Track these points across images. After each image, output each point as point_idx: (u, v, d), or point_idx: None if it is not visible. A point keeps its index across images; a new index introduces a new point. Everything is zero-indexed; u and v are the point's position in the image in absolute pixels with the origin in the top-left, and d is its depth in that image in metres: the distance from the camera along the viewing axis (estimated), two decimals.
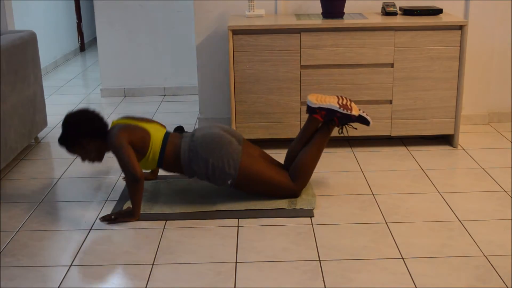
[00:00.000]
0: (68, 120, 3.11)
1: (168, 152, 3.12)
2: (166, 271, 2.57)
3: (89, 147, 3.11)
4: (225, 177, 3.09)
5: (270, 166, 3.20)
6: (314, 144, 3.25)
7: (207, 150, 3.07)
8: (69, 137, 3.09)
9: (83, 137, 3.08)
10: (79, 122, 3.08)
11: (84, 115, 3.11)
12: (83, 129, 3.07)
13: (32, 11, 6.65)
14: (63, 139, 3.11)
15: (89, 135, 3.08)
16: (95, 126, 3.09)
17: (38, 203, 3.29)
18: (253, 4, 4.08)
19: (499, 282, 2.44)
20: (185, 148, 3.11)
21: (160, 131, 3.17)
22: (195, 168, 3.11)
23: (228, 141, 3.11)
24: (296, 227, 2.94)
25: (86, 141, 3.09)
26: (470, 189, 3.36)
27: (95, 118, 3.12)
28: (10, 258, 2.71)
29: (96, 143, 3.11)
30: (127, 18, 5.50)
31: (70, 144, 3.11)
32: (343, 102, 3.25)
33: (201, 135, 3.13)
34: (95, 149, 3.12)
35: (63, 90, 6.02)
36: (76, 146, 3.11)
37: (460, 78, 3.90)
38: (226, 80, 4.37)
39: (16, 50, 3.80)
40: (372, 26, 3.82)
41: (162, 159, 3.12)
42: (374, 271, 2.53)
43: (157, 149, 3.10)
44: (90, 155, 3.14)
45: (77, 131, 3.07)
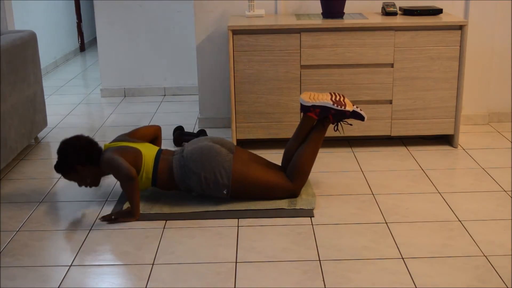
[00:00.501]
0: (63, 148, 3.16)
1: (161, 170, 3.15)
2: (166, 271, 2.57)
3: (84, 173, 3.16)
4: (219, 188, 3.11)
5: (265, 170, 3.20)
6: (310, 142, 3.25)
7: (197, 164, 3.09)
8: (65, 164, 3.14)
9: (78, 164, 3.13)
10: (74, 149, 3.13)
11: (79, 141, 3.16)
12: (78, 156, 3.12)
13: (32, 11, 6.65)
14: (59, 166, 3.16)
15: (84, 161, 3.13)
16: (90, 153, 3.15)
17: (38, 203, 3.29)
18: (253, 4, 4.08)
19: (499, 282, 2.44)
20: (176, 165, 3.14)
21: (152, 149, 3.20)
22: (189, 183, 3.13)
23: (217, 152, 3.12)
24: (296, 227, 2.94)
25: (81, 167, 3.13)
26: (470, 189, 3.36)
27: (89, 144, 3.17)
28: (10, 258, 2.71)
29: (91, 168, 3.16)
30: (127, 18, 5.50)
31: (66, 171, 3.16)
32: (336, 98, 3.25)
33: (190, 150, 3.15)
34: (90, 175, 3.17)
35: (63, 90, 6.02)
36: (72, 172, 3.16)
37: (460, 78, 3.90)
38: (226, 80, 4.37)
39: (16, 50, 3.80)
40: (372, 26, 3.82)
41: (156, 177, 3.15)
42: (374, 271, 2.53)
43: (149, 168, 3.13)
44: (86, 180, 3.19)
45: (72, 158, 3.13)
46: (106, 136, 4.46)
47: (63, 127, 4.69)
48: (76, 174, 3.17)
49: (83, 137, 3.20)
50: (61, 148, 3.16)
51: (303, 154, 3.23)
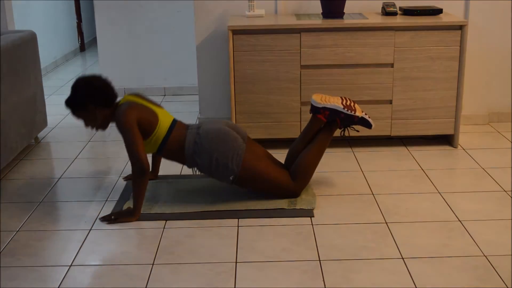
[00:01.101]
0: (79, 83, 3.06)
1: (171, 140, 3.10)
2: (166, 271, 2.57)
3: (94, 114, 3.06)
4: (227, 172, 3.09)
5: (272, 165, 3.20)
6: (316, 144, 3.25)
7: (212, 144, 3.07)
8: (77, 100, 3.04)
9: (91, 103, 3.03)
10: (90, 86, 3.04)
11: (96, 81, 3.07)
12: (93, 94, 3.02)
13: (32, 11, 6.65)
14: (71, 101, 3.06)
15: (98, 101, 3.03)
16: (105, 94, 3.05)
17: (38, 203, 3.29)
18: (253, 4, 4.08)
19: (499, 282, 2.44)
20: (190, 140, 3.10)
21: (168, 117, 3.16)
22: (198, 161, 3.10)
23: (234, 137, 3.12)
24: (296, 227, 2.94)
25: (93, 107, 3.04)
26: (470, 189, 3.36)
27: (107, 86, 3.07)
28: (10, 258, 2.71)
29: (103, 111, 3.07)
30: (127, 18, 5.50)
31: (76, 107, 3.06)
32: (346, 103, 3.26)
33: (207, 129, 3.12)
34: (100, 117, 3.08)
35: (63, 90, 6.02)
36: (82, 110, 3.06)
37: (460, 78, 3.90)
38: (226, 80, 4.37)
39: (16, 50, 3.80)
40: (372, 26, 3.82)
41: (164, 145, 3.10)
42: (374, 271, 2.53)
43: (161, 135, 3.08)
44: (95, 122, 3.10)
45: (86, 95, 3.02)
46: (106, 136, 4.46)
47: (63, 127, 4.69)
48: (86, 113, 3.07)
49: (102, 78, 3.10)
50: (77, 84, 3.06)
51: (308, 155, 3.23)
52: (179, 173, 3.68)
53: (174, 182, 3.50)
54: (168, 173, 3.64)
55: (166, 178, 3.55)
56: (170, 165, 3.77)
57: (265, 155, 3.25)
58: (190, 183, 3.47)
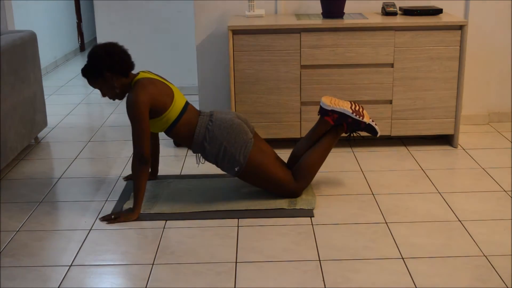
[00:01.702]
0: (96, 51, 3.03)
1: (182, 122, 3.09)
2: (166, 271, 2.57)
3: (111, 83, 3.03)
4: (233, 163, 3.10)
5: (276, 163, 3.21)
6: (320, 146, 3.25)
7: (224, 133, 3.08)
8: (94, 68, 3.01)
9: (109, 70, 3.00)
10: (107, 54, 3.01)
11: (113, 48, 3.04)
12: (110, 62, 2.99)
13: (32, 11, 6.64)
14: (87, 70, 3.03)
15: (115, 69, 3.01)
16: (123, 62, 3.02)
17: (38, 203, 3.29)
18: (253, 4, 4.08)
19: (499, 282, 2.44)
20: (201, 125, 3.10)
21: (182, 98, 3.15)
22: (206, 147, 3.10)
23: (245, 130, 3.13)
24: (296, 227, 2.94)
25: (110, 75, 3.02)
26: (470, 189, 3.36)
27: (124, 53, 3.06)
28: (10, 258, 2.71)
29: (120, 79, 3.04)
30: (127, 18, 5.50)
31: (93, 76, 3.03)
32: (355, 108, 3.26)
33: (220, 118, 3.12)
34: (118, 86, 3.05)
35: (63, 90, 6.02)
36: (100, 79, 3.03)
37: (460, 78, 3.90)
38: (226, 80, 4.37)
39: (16, 50, 3.80)
40: (372, 26, 3.82)
41: (174, 126, 3.09)
42: (374, 271, 2.53)
43: (173, 115, 3.07)
44: (112, 91, 3.07)
45: (104, 62, 2.99)
46: (106, 136, 4.46)
47: (63, 127, 4.69)
48: (104, 82, 3.04)
49: (119, 46, 3.08)
50: (94, 51, 3.02)
51: (312, 156, 3.23)
52: (179, 173, 3.68)
53: (174, 182, 3.50)
54: (168, 173, 3.64)
55: (166, 178, 3.55)
56: (170, 165, 3.78)
57: (270, 152, 3.26)
58: (190, 183, 3.47)
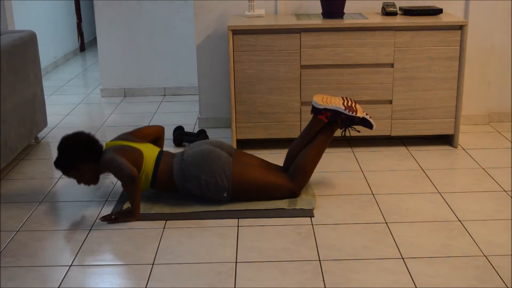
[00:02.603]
0: (64, 144, 3.15)
1: (161, 172, 3.14)
2: (166, 271, 2.57)
3: (84, 170, 3.15)
4: (220, 190, 3.11)
5: (264, 171, 3.20)
6: (316, 144, 3.25)
7: (197, 167, 3.10)
8: (65, 160, 3.13)
9: (78, 161, 3.12)
10: (75, 146, 3.12)
11: (79, 138, 3.15)
12: (79, 153, 3.11)
13: (32, 11, 6.65)
14: (59, 163, 3.15)
15: (85, 158, 3.12)
16: (91, 150, 3.14)
17: (38, 203, 3.29)
18: (253, 4, 4.08)
19: (499, 282, 2.44)
20: (176, 168, 3.14)
21: (153, 150, 3.20)
22: (189, 186, 3.13)
23: (218, 155, 3.13)
24: (296, 227, 2.94)
25: (81, 164, 3.13)
26: (470, 189, 3.36)
27: (90, 141, 3.16)
28: (10, 258, 2.71)
29: (91, 166, 3.15)
30: (127, 18, 5.50)
31: (65, 168, 3.15)
32: (348, 103, 3.26)
33: (191, 154, 3.15)
34: (90, 172, 3.16)
35: (63, 90, 6.02)
36: (72, 169, 3.15)
37: (460, 78, 3.90)
38: (226, 80, 4.37)
39: (16, 50, 3.80)
40: (372, 26, 3.82)
41: (155, 179, 3.14)
42: (374, 271, 2.53)
43: (150, 169, 3.13)
44: (85, 177, 3.18)
45: (73, 155, 3.12)
46: (106, 136, 4.46)
47: (63, 127, 4.69)
48: (76, 171, 3.15)
49: (84, 134, 3.18)
50: (62, 144, 3.15)
51: (308, 154, 3.23)
52: None
53: None
54: None
55: None
56: None
57: (256, 163, 3.26)
58: None
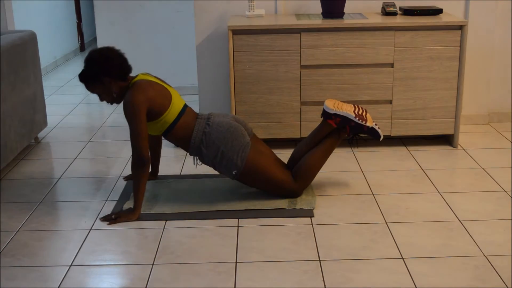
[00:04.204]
0: (93, 56, 3.04)
1: (179, 125, 3.09)
2: (166, 271, 2.57)
3: (109, 87, 3.04)
4: (231, 166, 3.09)
5: (274, 164, 3.20)
6: (322, 148, 3.25)
7: (221, 137, 3.07)
8: (92, 73, 3.02)
9: (106, 75, 3.01)
10: (104, 58, 3.02)
11: (110, 52, 3.05)
12: (107, 66, 3.00)
13: (32, 11, 6.64)
14: (85, 75, 3.03)
15: (113, 74, 3.02)
16: (120, 66, 3.03)
17: (38, 203, 3.29)
18: (253, 4, 4.08)
19: (499, 282, 2.44)
20: (199, 129, 3.10)
21: (180, 101, 3.15)
22: (204, 150, 3.09)
23: (242, 133, 3.12)
24: (296, 227, 2.94)
25: (108, 80, 3.02)
26: (470, 189, 3.36)
27: (121, 57, 3.07)
28: (10, 258, 2.71)
29: (118, 84, 3.05)
30: (127, 18, 5.50)
31: (91, 81, 3.04)
32: (359, 112, 3.25)
33: (217, 122, 3.12)
34: (116, 90, 3.05)
35: (63, 90, 6.02)
36: (97, 83, 3.04)
37: (460, 78, 3.90)
38: (226, 80, 4.37)
39: (16, 50, 3.80)
40: (372, 26, 3.82)
41: (171, 129, 3.09)
42: (374, 271, 2.53)
43: (171, 118, 3.07)
44: (110, 95, 3.07)
45: (101, 67, 3.00)
46: (106, 136, 4.46)
47: (63, 127, 4.69)
48: (102, 86, 3.04)
49: (116, 50, 3.08)
50: (92, 56, 3.03)
51: (313, 157, 3.23)
52: (179, 173, 3.68)
53: (174, 182, 3.50)
54: (168, 173, 3.64)
55: (166, 178, 3.55)
56: (170, 165, 3.78)
57: (269, 153, 3.26)
58: (190, 183, 3.47)
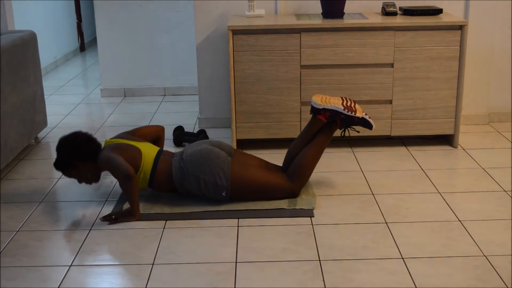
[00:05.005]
0: (62, 144, 3.16)
1: (159, 171, 3.14)
2: (166, 271, 2.57)
3: (84, 169, 3.16)
4: (219, 190, 3.11)
5: (263, 171, 3.20)
6: (315, 144, 3.25)
7: (196, 167, 3.09)
8: (64, 161, 3.14)
9: (78, 160, 3.13)
10: (72, 145, 3.13)
11: (77, 138, 3.16)
12: (77, 152, 3.12)
13: (32, 11, 6.65)
14: (59, 163, 3.16)
15: (84, 157, 3.13)
16: (89, 148, 3.15)
17: (38, 203, 3.29)
18: (253, 4, 4.08)
19: (499, 282, 2.44)
20: (176, 167, 3.14)
21: (152, 149, 3.20)
22: (188, 186, 3.13)
23: (216, 154, 3.13)
24: (296, 227, 2.94)
25: (81, 163, 3.14)
26: (470, 189, 3.36)
27: (88, 140, 3.17)
28: (10, 258, 2.71)
29: (90, 165, 3.16)
30: (127, 18, 5.50)
31: (65, 168, 3.16)
32: (347, 103, 3.26)
33: (190, 153, 3.15)
34: (90, 171, 3.17)
35: (63, 90, 6.02)
36: (72, 169, 3.16)
37: (460, 78, 3.90)
38: (226, 80, 4.37)
39: (16, 50, 3.80)
40: (372, 26, 3.82)
41: (153, 178, 3.14)
42: (374, 271, 2.53)
43: (148, 169, 3.12)
44: (86, 176, 3.19)
45: (71, 154, 3.13)
46: (106, 136, 4.46)
47: (63, 127, 4.69)
48: (76, 171, 3.16)
49: (82, 133, 3.19)
50: (60, 145, 3.16)
51: (307, 155, 3.23)
52: None
53: None
54: None
55: None
56: None
57: (255, 163, 3.26)
58: None
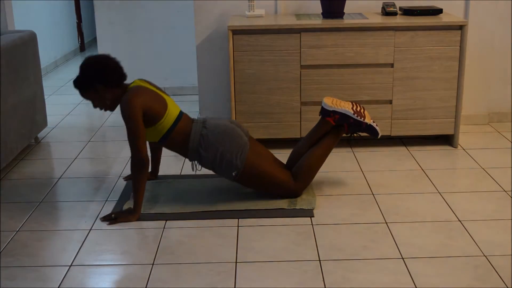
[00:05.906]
0: (88, 63, 3.05)
1: (176, 131, 3.09)
2: (166, 271, 2.57)
3: (104, 94, 3.05)
4: (231, 168, 3.09)
5: (274, 164, 3.21)
6: (321, 146, 3.25)
7: (218, 139, 3.07)
8: (86, 80, 3.03)
9: (100, 83, 3.02)
10: (99, 66, 3.03)
11: (105, 61, 3.06)
12: (102, 74, 3.01)
13: (32, 11, 6.64)
14: (79, 82, 3.04)
15: (107, 81, 3.02)
16: (115, 74, 3.04)
17: (38, 203, 3.29)
18: (253, 4, 4.08)
19: (499, 282, 2.44)
20: (196, 132, 3.10)
21: (175, 107, 3.16)
22: (202, 154, 3.09)
23: (240, 134, 3.13)
24: (296, 227, 2.94)
25: (102, 87, 3.03)
26: (470, 189, 3.36)
27: (116, 66, 3.07)
28: (10, 258, 2.71)
29: (112, 91, 3.05)
30: (127, 18, 5.50)
31: (84, 88, 3.05)
32: (357, 109, 3.26)
33: (214, 124, 3.13)
34: (110, 98, 3.06)
35: (63, 90, 6.02)
36: (91, 90, 3.05)
37: (460, 78, 3.90)
38: (226, 80, 4.37)
39: (16, 50, 3.80)
40: (372, 26, 3.82)
41: (169, 134, 3.09)
42: (374, 271, 2.53)
43: (167, 125, 3.07)
44: (104, 102, 3.08)
45: (95, 75, 3.01)
46: (106, 136, 4.46)
47: (63, 127, 4.69)
48: (95, 94, 3.05)
49: (110, 57, 3.09)
50: (87, 63, 3.04)
51: (312, 156, 3.23)
52: (179, 173, 3.68)
53: (174, 182, 3.50)
54: (168, 173, 3.64)
55: (166, 178, 3.55)
56: (170, 165, 3.78)
57: (267, 154, 3.26)
58: (190, 183, 3.47)
